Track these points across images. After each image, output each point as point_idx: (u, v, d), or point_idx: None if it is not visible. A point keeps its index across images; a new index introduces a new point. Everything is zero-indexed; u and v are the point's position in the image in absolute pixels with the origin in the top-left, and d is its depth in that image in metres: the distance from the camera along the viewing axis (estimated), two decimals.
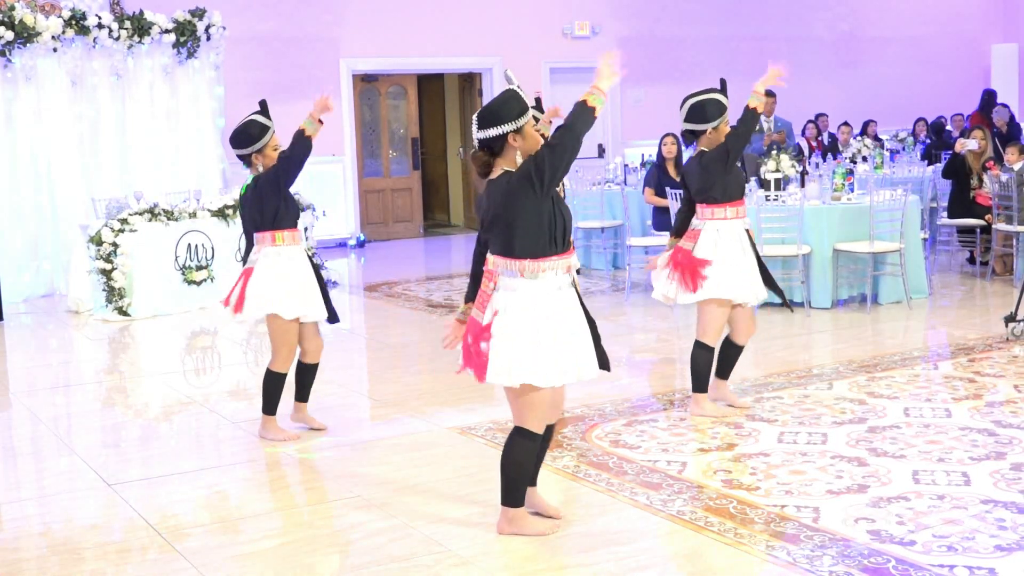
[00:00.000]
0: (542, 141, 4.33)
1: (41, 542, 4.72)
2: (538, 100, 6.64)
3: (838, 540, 4.33)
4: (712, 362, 6.17)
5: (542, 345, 4.23)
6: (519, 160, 4.28)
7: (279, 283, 5.82)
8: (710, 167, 5.99)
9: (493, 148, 4.28)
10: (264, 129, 5.81)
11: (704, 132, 6.01)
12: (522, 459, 4.42)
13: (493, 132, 4.24)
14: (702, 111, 5.98)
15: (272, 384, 5.99)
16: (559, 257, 4.29)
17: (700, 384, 6.16)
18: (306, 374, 6.16)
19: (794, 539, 4.37)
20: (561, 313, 4.29)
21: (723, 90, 6.08)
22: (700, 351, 6.12)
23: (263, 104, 5.98)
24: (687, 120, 6.02)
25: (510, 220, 4.22)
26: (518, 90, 4.33)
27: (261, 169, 5.83)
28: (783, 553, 4.25)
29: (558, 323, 4.27)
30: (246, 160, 5.86)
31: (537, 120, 4.72)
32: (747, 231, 6.09)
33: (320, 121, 5.82)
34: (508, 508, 4.52)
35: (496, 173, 4.31)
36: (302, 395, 6.20)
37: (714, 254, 5.97)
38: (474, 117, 4.31)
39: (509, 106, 4.25)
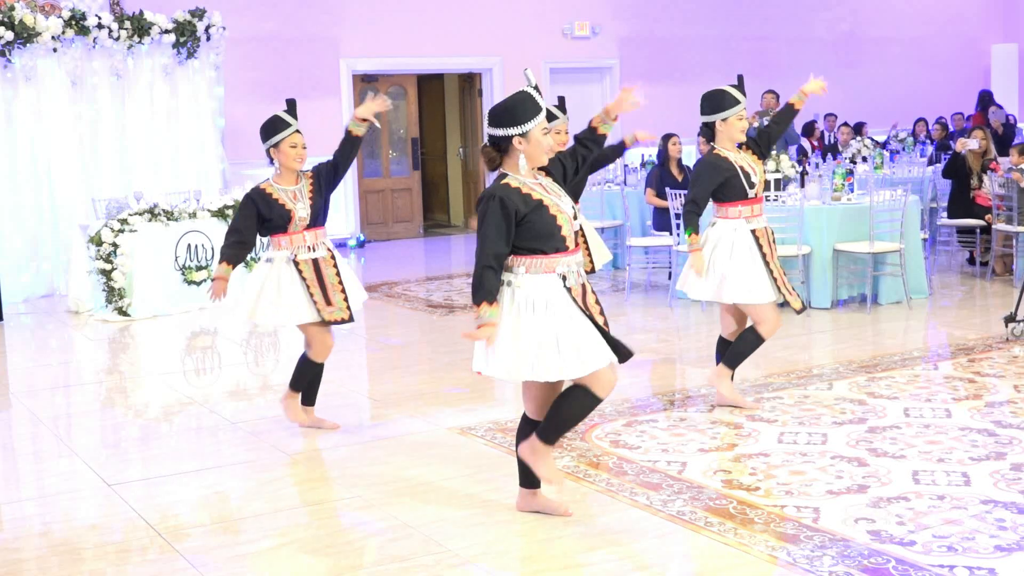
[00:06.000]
0: (550, 149, 4.30)
1: (41, 542, 4.72)
2: (561, 100, 6.60)
3: (838, 540, 4.33)
4: (756, 348, 6.22)
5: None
6: (522, 163, 4.26)
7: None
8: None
9: (499, 146, 4.28)
10: (284, 125, 5.80)
11: (714, 124, 6.03)
12: (579, 409, 4.41)
13: (500, 132, 4.23)
14: (711, 101, 6.01)
15: (306, 366, 6.06)
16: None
17: (732, 360, 6.21)
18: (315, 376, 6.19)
19: (794, 539, 4.37)
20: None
21: (740, 86, 6.12)
22: (748, 332, 6.17)
23: (290, 102, 5.98)
24: (702, 112, 6.07)
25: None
26: (533, 92, 4.29)
27: (277, 166, 5.86)
28: (783, 553, 4.24)
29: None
30: (268, 155, 5.90)
31: (555, 120, 4.62)
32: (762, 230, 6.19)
33: (364, 120, 5.80)
34: (540, 443, 4.47)
35: (499, 172, 4.31)
36: (309, 398, 6.23)
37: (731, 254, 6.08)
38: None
39: (521, 108, 4.21)
